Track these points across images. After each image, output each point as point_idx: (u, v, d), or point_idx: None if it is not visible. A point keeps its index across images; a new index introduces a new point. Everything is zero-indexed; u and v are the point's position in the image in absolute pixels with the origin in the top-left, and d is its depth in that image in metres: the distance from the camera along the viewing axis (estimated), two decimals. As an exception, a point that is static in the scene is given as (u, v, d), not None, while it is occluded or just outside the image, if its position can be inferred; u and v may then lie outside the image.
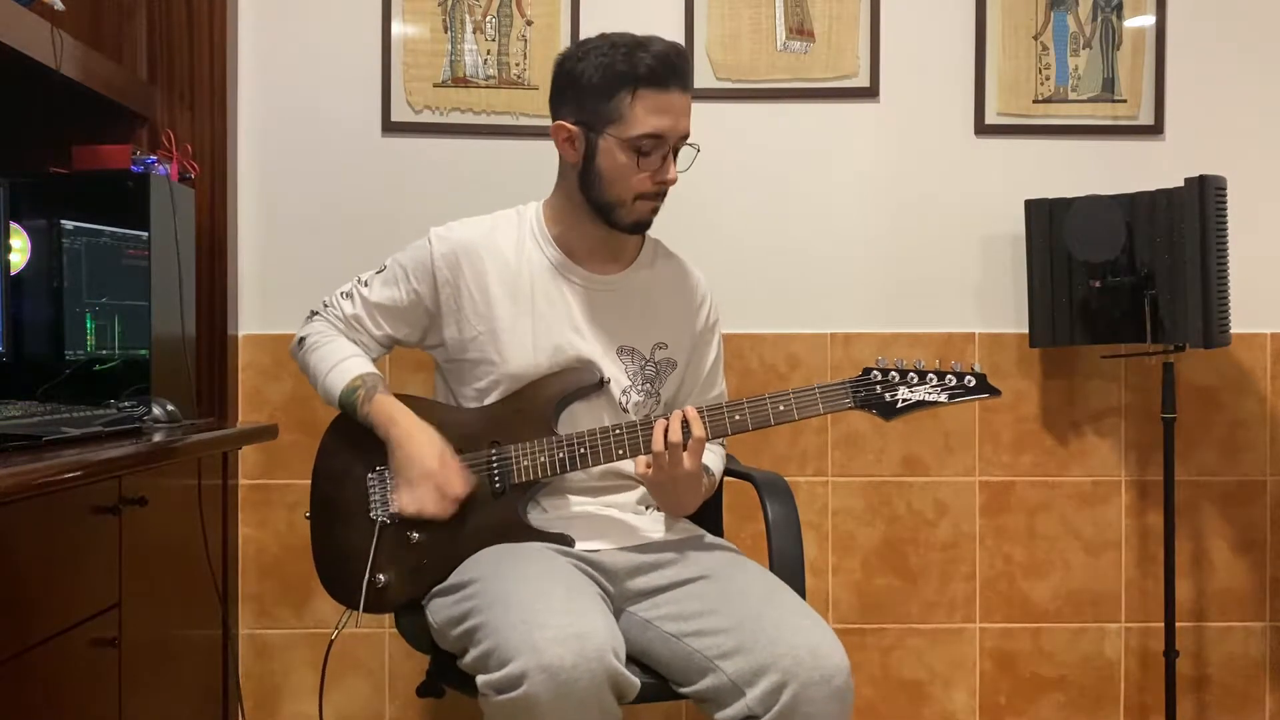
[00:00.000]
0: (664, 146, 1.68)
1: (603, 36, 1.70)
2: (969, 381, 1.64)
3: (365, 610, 1.69)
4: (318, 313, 1.86)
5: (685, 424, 1.60)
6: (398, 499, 1.69)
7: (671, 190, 1.74)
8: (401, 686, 2.46)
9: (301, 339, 1.85)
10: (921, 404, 1.63)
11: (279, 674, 2.46)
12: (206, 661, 2.11)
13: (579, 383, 1.73)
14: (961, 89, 2.48)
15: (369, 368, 1.78)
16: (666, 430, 1.60)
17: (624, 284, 1.80)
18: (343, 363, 1.76)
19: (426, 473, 1.66)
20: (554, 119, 1.74)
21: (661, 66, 1.65)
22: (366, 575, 1.68)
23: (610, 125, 1.67)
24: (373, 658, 2.46)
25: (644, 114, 1.65)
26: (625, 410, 1.77)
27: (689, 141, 1.72)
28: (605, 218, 1.73)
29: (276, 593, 2.45)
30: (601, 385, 1.74)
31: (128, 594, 1.65)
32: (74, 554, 1.51)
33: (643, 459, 1.64)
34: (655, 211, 1.74)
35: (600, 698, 1.38)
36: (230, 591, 2.35)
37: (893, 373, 1.64)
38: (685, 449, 1.60)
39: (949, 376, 1.63)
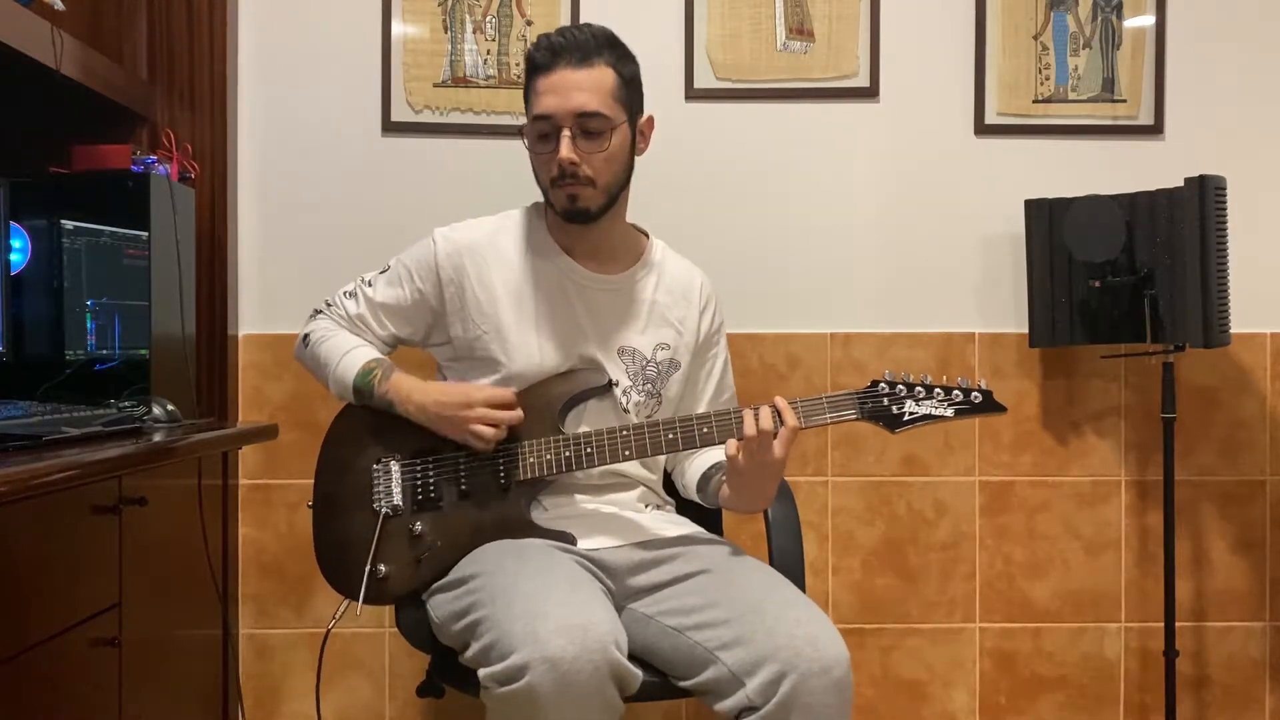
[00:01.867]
0: (557, 127, 1.67)
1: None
2: (975, 398, 1.64)
3: (365, 602, 1.69)
4: (321, 311, 1.86)
5: (777, 412, 1.59)
6: (475, 444, 1.68)
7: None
8: (401, 686, 2.46)
9: (306, 335, 1.85)
10: (927, 418, 1.64)
11: (279, 674, 2.46)
12: (206, 661, 2.11)
13: (587, 384, 1.74)
14: (961, 89, 2.48)
15: (379, 353, 1.79)
16: (757, 417, 1.58)
17: (626, 284, 1.80)
18: (353, 351, 1.77)
19: (468, 402, 1.67)
20: None
21: (547, 51, 1.67)
22: (368, 565, 1.68)
23: (528, 113, 1.72)
24: (373, 657, 2.46)
25: (534, 99, 1.69)
26: (626, 410, 1.77)
27: (599, 112, 1.66)
28: (551, 210, 1.75)
29: (276, 593, 2.45)
30: (609, 387, 1.75)
31: (128, 594, 1.65)
32: (74, 554, 1.51)
33: (733, 441, 1.61)
34: (574, 199, 1.69)
35: (602, 689, 1.39)
36: (230, 591, 2.35)
37: (900, 386, 1.64)
38: (776, 436, 1.58)
39: (955, 392, 1.64)
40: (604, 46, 1.69)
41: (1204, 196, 2.18)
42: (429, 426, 1.71)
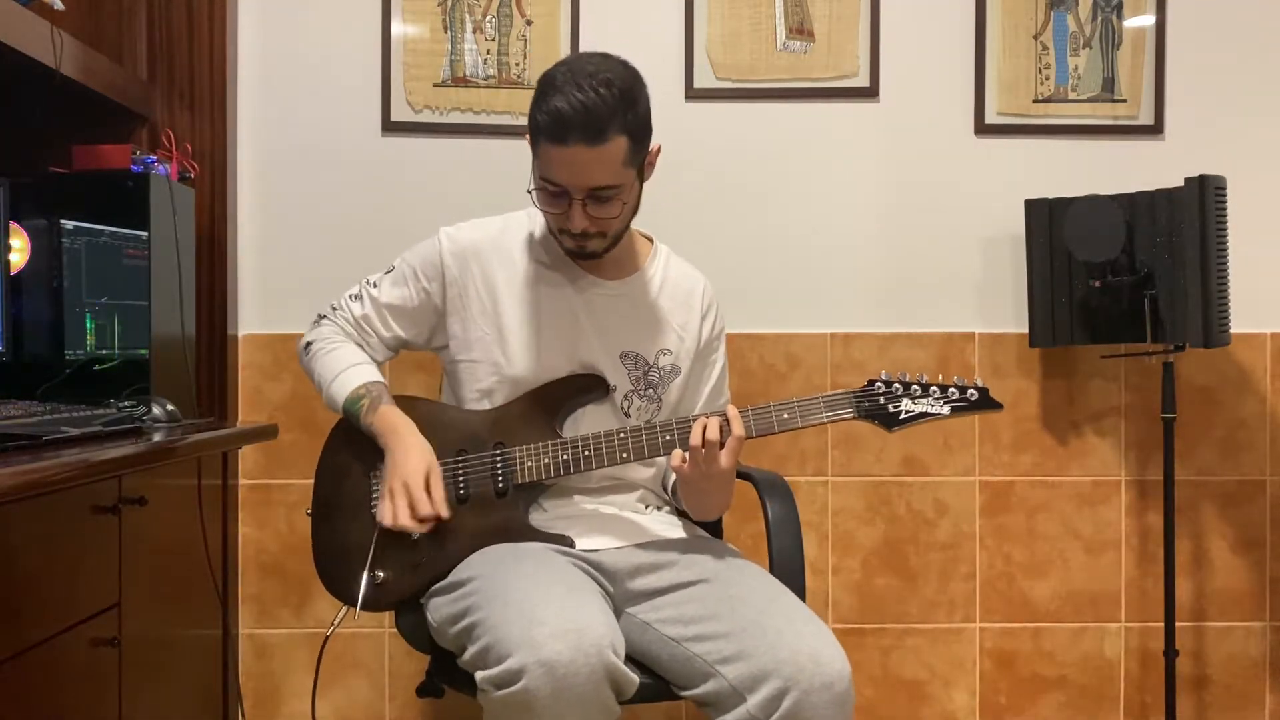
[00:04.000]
0: (568, 195, 1.61)
1: (560, 65, 1.63)
2: (971, 395, 1.64)
3: (363, 608, 1.69)
4: (325, 316, 1.85)
5: (726, 422, 1.59)
6: (377, 514, 1.68)
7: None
8: (401, 686, 2.46)
9: (308, 344, 1.84)
10: (924, 416, 1.64)
11: (279, 674, 2.46)
12: (206, 661, 2.11)
13: (585, 388, 1.74)
14: (961, 89, 2.48)
15: (373, 375, 1.77)
16: (705, 427, 1.58)
17: (629, 289, 1.80)
18: (347, 371, 1.76)
19: (403, 486, 1.65)
20: None
21: (557, 123, 1.55)
22: (365, 572, 1.68)
23: (535, 160, 1.65)
24: (373, 658, 2.46)
25: (544, 161, 1.61)
26: (627, 415, 1.76)
27: (611, 184, 1.61)
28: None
29: (276, 593, 2.45)
30: (607, 392, 1.75)
31: (128, 594, 1.65)
32: (74, 554, 1.51)
33: (678, 453, 1.61)
34: (581, 251, 1.68)
35: (599, 693, 1.38)
36: (230, 591, 2.35)
37: (896, 385, 1.65)
38: (723, 447, 1.58)
39: (951, 390, 1.64)
40: (616, 111, 1.57)
41: (1204, 196, 2.18)
42: (384, 468, 1.70)
